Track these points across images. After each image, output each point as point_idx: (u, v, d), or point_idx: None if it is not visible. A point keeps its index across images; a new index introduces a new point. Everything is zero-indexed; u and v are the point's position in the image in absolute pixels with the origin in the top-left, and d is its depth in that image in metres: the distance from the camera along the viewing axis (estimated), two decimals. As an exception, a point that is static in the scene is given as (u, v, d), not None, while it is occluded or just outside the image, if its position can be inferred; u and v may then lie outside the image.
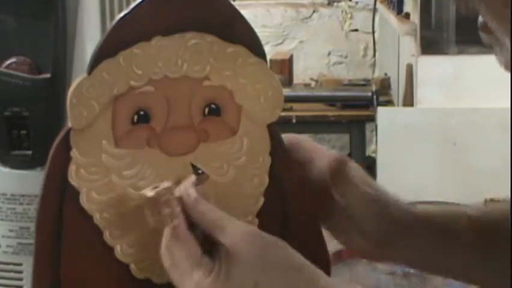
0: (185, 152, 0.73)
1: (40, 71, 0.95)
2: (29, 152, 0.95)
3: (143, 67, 0.70)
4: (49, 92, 0.94)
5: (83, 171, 0.71)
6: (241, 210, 0.72)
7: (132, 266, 0.73)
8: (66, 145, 0.71)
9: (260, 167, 0.76)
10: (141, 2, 0.70)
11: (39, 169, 0.94)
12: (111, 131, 0.71)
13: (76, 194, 0.71)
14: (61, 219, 0.71)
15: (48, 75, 0.95)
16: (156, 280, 0.74)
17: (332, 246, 0.81)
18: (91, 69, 0.70)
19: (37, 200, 0.72)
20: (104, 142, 0.71)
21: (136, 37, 0.70)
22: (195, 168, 0.73)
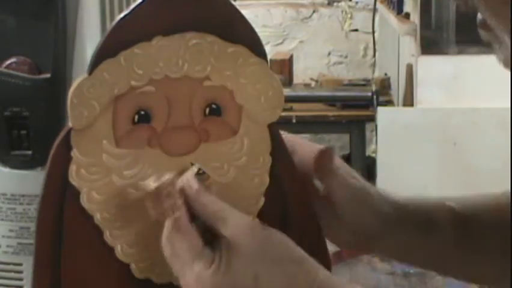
0: (186, 152, 0.73)
1: (40, 71, 0.95)
2: (29, 152, 0.95)
3: (144, 67, 0.70)
4: (49, 92, 0.94)
5: (83, 171, 0.71)
6: (241, 210, 0.72)
7: (132, 266, 0.73)
8: (66, 145, 0.71)
9: (261, 167, 0.76)
10: (141, 2, 0.70)
11: (39, 169, 0.94)
12: (112, 131, 0.71)
13: (77, 194, 0.71)
14: (61, 219, 0.71)
15: (48, 75, 0.95)
16: (156, 280, 0.74)
17: (332, 246, 0.81)
18: (92, 69, 0.70)
19: (37, 200, 0.72)
20: (104, 142, 0.71)
21: (137, 37, 0.70)
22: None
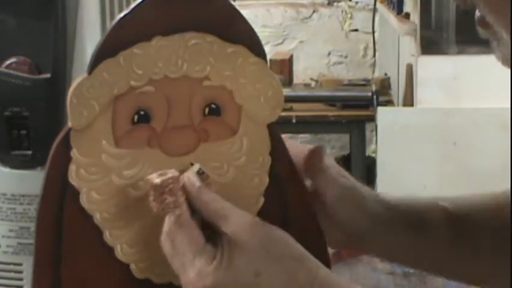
0: (185, 152, 0.73)
1: (40, 71, 0.95)
2: (29, 152, 0.95)
3: (143, 67, 0.70)
4: (49, 92, 0.94)
5: (83, 171, 0.71)
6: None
7: (132, 266, 0.73)
8: (66, 145, 0.71)
9: (260, 167, 0.76)
10: (141, 2, 0.70)
11: (39, 169, 0.94)
12: (111, 131, 0.71)
13: (76, 194, 0.71)
14: (61, 219, 0.71)
15: (48, 75, 0.95)
16: (156, 280, 0.74)
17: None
18: (91, 69, 0.70)
19: (37, 200, 0.72)
20: (104, 142, 0.71)
21: (136, 37, 0.70)
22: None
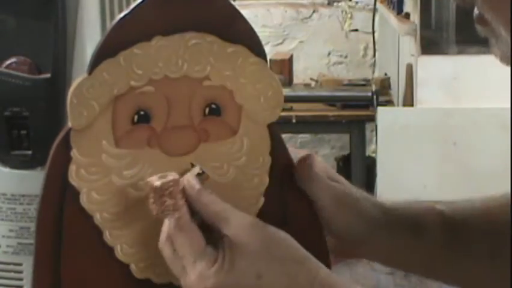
0: (185, 152, 0.73)
1: (40, 71, 0.95)
2: (29, 152, 0.95)
3: (143, 67, 0.70)
4: (49, 92, 0.94)
5: (83, 171, 0.71)
6: (241, 210, 0.72)
7: (132, 266, 0.73)
8: (66, 145, 0.71)
9: (260, 167, 0.76)
10: (141, 2, 0.70)
11: (39, 169, 0.93)
12: (111, 131, 0.71)
13: (76, 194, 0.71)
14: (61, 219, 0.71)
15: (48, 75, 0.95)
16: (156, 280, 0.74)
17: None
18: (91, 69, 0.70)
19: (37, 200, 0.72)
20: (104, 142, 0.71)
21: (136, 37, 0.70)
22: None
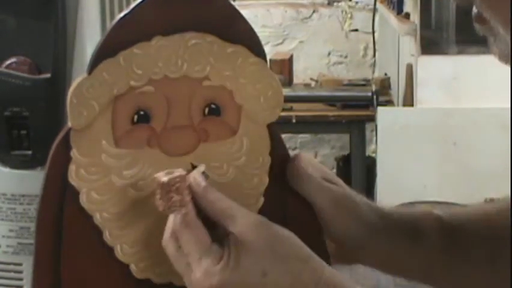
0: (185, 152, 0.73)
1: (40, 71, 0.95)
2: (29, 152, 0.95)
3: (143, 67, 0.70)
4: (49, 92, 0.94)
5: (83, 171, 0.71)
6: (241, 210, 0.72)
7: (132, 266, 0.73)
8: (66, 145, 0.71)
9: (260, 167, 0.76)
10: (141, 2, 0.70)
11: (39, 169, 0.94)
12: (111, 131, 0.71)
13: (76, 194, 0.71)
14: (61, 219, 0.71)
15: (48, 75, 0.95)
16: (156, 280, 0.74)
17: (332, 246, 0.81)
18: (91, 69, 0.70)
19: (37, 200, 0.72)
20: (104, 142, 0.71)
21: (136, 37, 0.70)
22: (195, 168, 0.73)
